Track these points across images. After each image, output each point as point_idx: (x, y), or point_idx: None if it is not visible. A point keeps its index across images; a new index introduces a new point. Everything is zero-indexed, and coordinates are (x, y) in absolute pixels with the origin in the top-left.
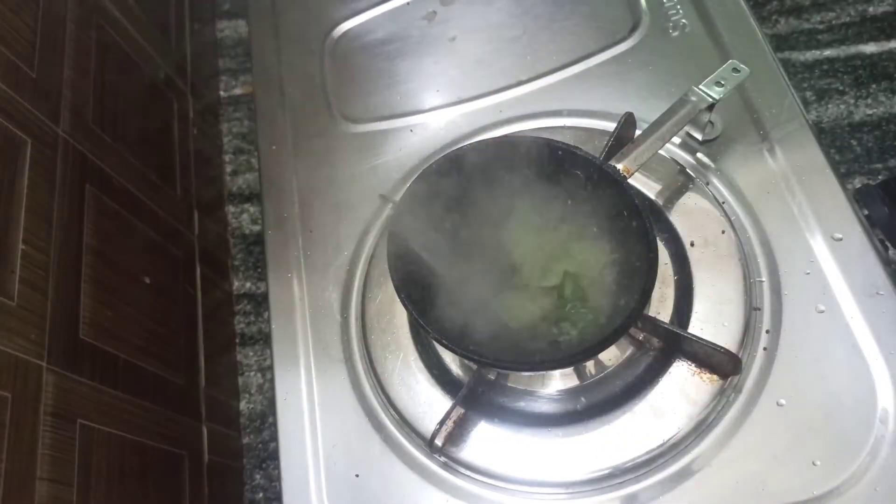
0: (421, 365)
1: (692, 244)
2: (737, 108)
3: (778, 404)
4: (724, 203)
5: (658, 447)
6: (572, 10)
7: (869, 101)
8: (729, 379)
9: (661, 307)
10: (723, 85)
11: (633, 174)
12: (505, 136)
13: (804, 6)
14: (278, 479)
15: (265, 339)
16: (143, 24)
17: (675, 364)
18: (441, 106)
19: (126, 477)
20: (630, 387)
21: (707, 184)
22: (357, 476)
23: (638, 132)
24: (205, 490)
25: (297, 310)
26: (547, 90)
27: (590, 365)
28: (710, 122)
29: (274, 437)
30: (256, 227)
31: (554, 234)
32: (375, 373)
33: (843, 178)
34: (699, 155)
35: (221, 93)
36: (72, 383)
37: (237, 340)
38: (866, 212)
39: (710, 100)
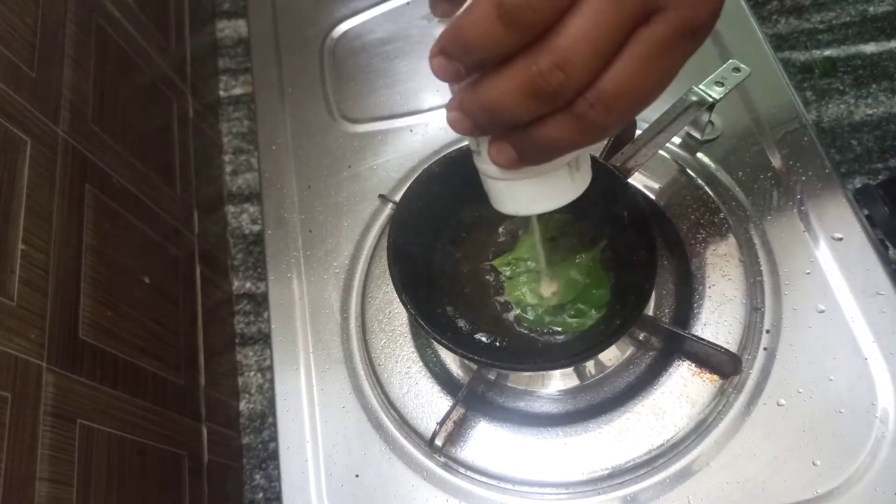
0: (421, 365)
1: (692, 244)
2: (737, 108)
3: (778, 404)
4: (724, 203)
5: (658, 447)
6: None
7: (869, 101)
8: (729, 379)
9: (661, 307)
10: (723, 85)
11: (633, 174)
12: None
13: (804, 6)
14: (278, 479)
15: (265, 339)
16: (143, 24)
17: (675, 364)
18: (441, 106)
19: (126, 477)
20: (630, 387)
21: (707, 184)
22: (357, 476)
23: (638, 132)
24: (204, 490)
25: (297, 310)
26: None
27: (590, 365)
28: (710, 122)
29: (274, 437)
30: (256, 227)
31: (553, 234)
32: (375, 373)
33: (843, 178)
34: (699, 155)
35: (221, 93)
36: (72, 383)
37: (237, 340)
38: (866, 212)
39: (710, 100)
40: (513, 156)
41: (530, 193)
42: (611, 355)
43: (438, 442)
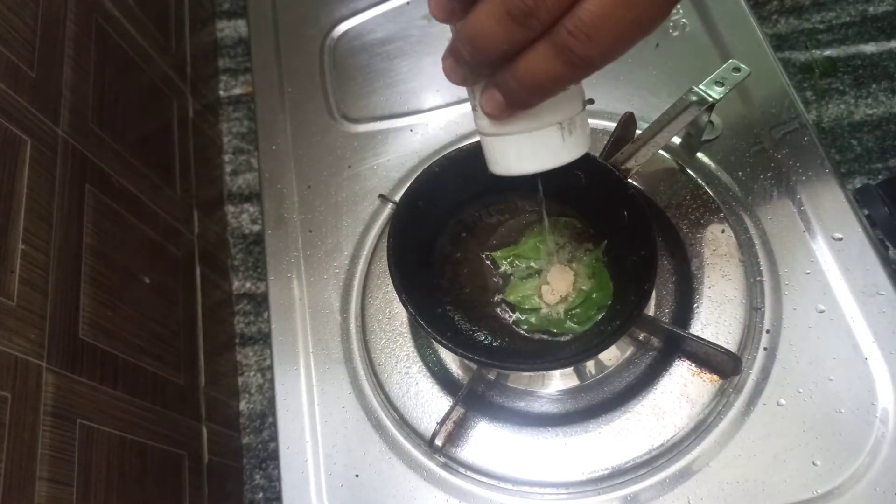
0: (421, 365)
1: (692, 244)
2: (737, 108)
3: (778, 404)
4: (724, 203)
5: (658, 447)
6: None
7: (869, 101)
8: (729, 379)
9: (661, 307)
10: (723, 85)
11: (633, 174)
12: None
13: (804, 6)
14: (278, 479)
15: (265, 339)
16: (143, 24)
17: (675, 364)
18: (441, 106)
19: (126, 477)
20: (630, 387)
21: (707, 184)
22: (357, 476)
23: (638, 132)
24: (204, 490)
25: (296, 310)
26: None
27: (590, 365)
28: (710, 122)
29: (274, 437)
30: (256, 227)
31: (553, 234)
32: (375, 373)
33: (843, 178)
34: (699, 155)
35: (221, 93)
36: (71, 383)
37: (237, 340)
38: (866, 212)
39: (710, 100)
40: (500, 101)
41: (521, 150)
42: (611, 355)
43: (438, 442)
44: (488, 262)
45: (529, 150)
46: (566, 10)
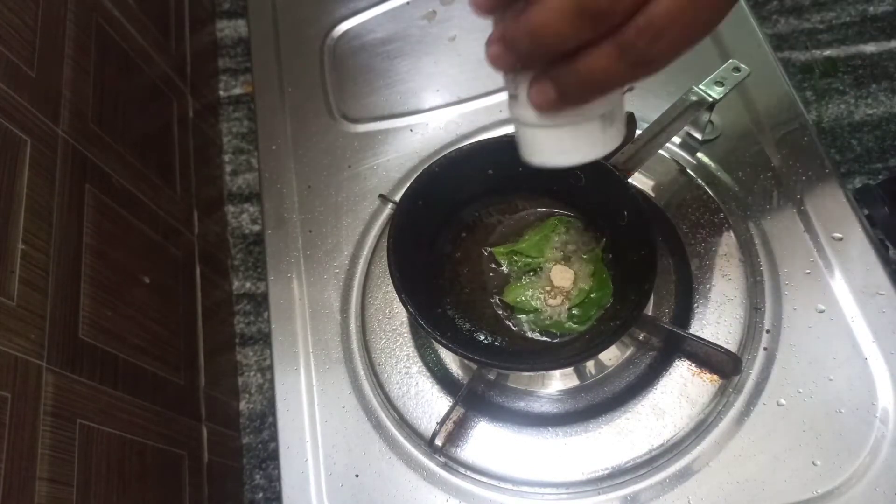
0: (421, 365)
1: (692, 244)
2: (737, 108)
3: (778, 404)
4: (724, 203)
5: (658, 447)
6: None
7: (869, 101)
8: (729, 379)
9: (661, 307)
10: (723, 85)
11: (633, 174)
12: (505, 135)
13: (804, 6)
14: (278, 479)
15: (265, 339)
16: (143, 24)
17: (675, 364)
18: (441, 106)
19: (126, 477)
20: (630, 387)
21: (707, 184)
22: (357, 476)
23: (638, 132)
24: (204, 490)
25: (296, 310)
26: None
27: (590, 365)
28: (710, 122)
29: (274, 437)
30: (256, 227)
31: (553, 234)
32: (375, 373)
33: (843, 178)
34: (699, 155)
35: (221, 93)
36: (71, 383)
37: (237, 340)
38: (866, 212)
39: (710, 100)
40: (552, 96)
41: (563, 143)
42: (611, 355)
43: (438, 442)
44: (489, 262)
45: (571, 142)
46: (637, 11)
